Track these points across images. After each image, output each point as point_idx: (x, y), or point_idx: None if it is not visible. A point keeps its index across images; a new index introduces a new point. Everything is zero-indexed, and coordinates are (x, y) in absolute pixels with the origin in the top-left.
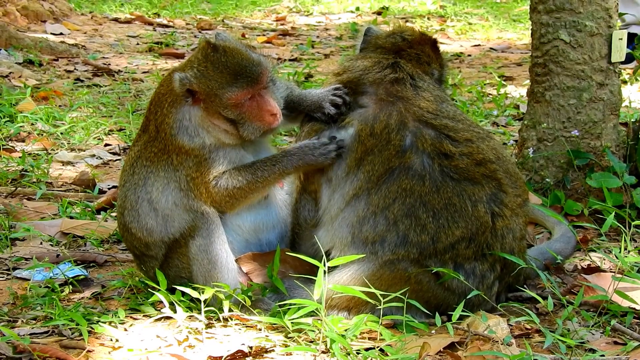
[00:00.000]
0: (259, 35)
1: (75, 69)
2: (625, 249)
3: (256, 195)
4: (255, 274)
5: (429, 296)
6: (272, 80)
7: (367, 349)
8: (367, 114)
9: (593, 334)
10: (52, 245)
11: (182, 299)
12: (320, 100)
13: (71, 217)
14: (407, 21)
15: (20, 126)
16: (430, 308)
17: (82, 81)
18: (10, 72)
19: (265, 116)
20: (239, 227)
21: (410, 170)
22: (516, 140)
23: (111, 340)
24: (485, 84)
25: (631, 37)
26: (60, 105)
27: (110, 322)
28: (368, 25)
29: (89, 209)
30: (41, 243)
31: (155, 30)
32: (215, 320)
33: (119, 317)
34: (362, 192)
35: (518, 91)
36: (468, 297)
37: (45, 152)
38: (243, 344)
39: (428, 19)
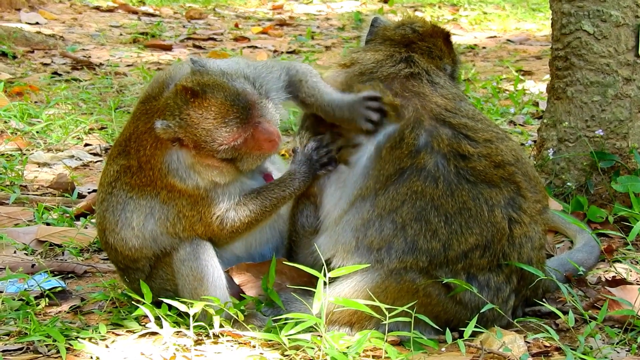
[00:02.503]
0: (254, 25)
1: (52, 61)
2: None
3: (262, 224)
4: (249, 286)
5: (438, 310)
6: (265, 94)
7: None
8: None
9: (618, 352)
10: (26, 254)
11: (168, 313)
12: (352, 114)
13: (48, 224)
14: (416, 10)
15: None
16: (440, 323)
17: (60, 75)
18: None
19: (263, 146)
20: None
21: (423, 171)
22: (535, 141)
23: (91, 358)
24: (501, 79)
25: None
26: (36, 102)
27: (90, 338)
28: (375, 15)
29: (67, 215)
30: (15, 252)
31: (140, 20)
32: (205, 337)
33: (99, 332)
34: (368, 192)
35: (537, 87)
36: (482, 312)
37: (19, 152)
38: None
39: (439, 7)
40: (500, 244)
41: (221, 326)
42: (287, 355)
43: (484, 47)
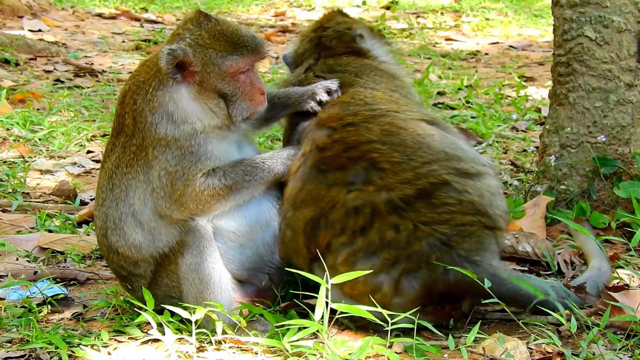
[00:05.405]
0: (256, 32)
1: (55, 69)
2: None
3: (242, 198)
4: None
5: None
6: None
7: None
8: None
9: (620, 358)
10: (29, 261)
11: (171, 319)
12: (311, 88)
13: (50, 231)
14: (418, 16)
15: None
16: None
17: (62, 82)
18: None
19: (255, 95)
20: (232, 232)
21: (293, 179)
22: (537, 147)
23: None
24: (503, 85)
25: None
26: (38, 109)
27: (92, 345)
28: (282, 54)
29: (70, 222)
30: (17, 259)
31: (142, 27)
32: (207, 343)
33: (102, 339)
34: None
35: (539, 93)
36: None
37: (22, 159)
38: None
39: (442, 14)
40: (336, 212)
41: (224, 332)
42: None
43: (486, 53)
